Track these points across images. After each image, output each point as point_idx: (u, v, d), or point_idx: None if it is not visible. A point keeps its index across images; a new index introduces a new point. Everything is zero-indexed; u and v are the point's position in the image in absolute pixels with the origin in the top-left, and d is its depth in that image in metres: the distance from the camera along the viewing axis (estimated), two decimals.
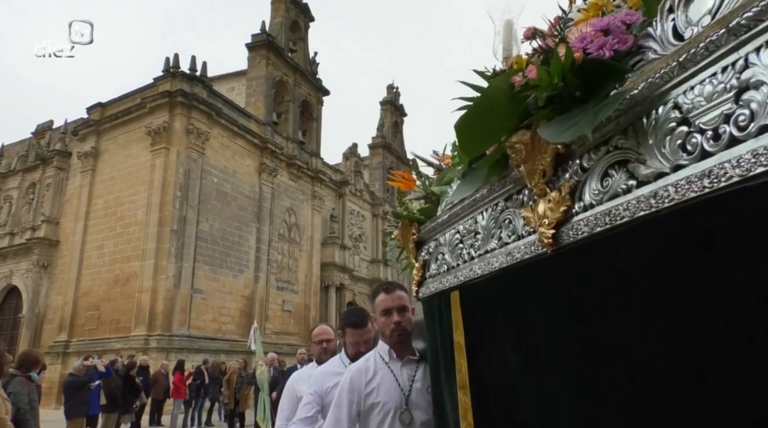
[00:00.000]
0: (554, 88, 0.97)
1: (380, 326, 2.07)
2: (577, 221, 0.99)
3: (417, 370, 2.03)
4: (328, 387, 2.41)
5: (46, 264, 20.61)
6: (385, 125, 34.14)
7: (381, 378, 2.01)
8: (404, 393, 1.97)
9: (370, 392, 1.99)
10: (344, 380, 2.06)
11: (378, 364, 2.05)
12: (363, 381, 2.01)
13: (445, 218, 1.56)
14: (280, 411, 3.03)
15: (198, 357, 16.12)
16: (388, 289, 2.09)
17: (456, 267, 1.52)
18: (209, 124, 19.44)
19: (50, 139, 23.24)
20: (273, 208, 22.16)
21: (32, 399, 5.08)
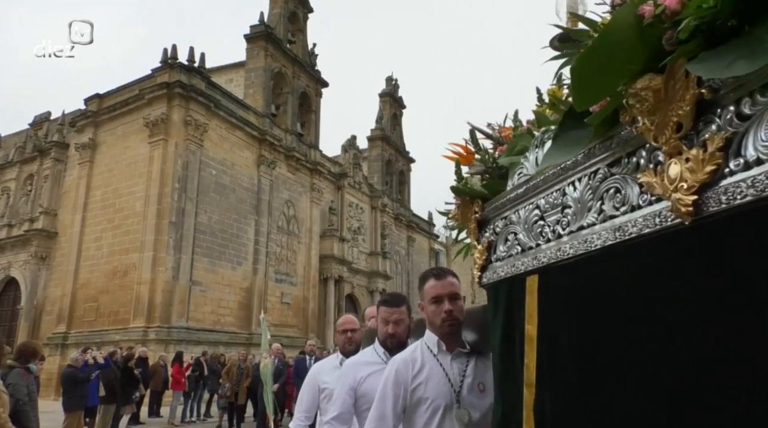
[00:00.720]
0: (704, 14, 0.79)
1: (429, 315, 1.90)
2: (735, 183, 0.81)
3: (468, 364, 1.89)
4: (362, 377, 2.27)
5: (45, 256, 20.60)
6: (384, 117, 34.05)
7: (429, 371, 1.86)
8: (454, 389, 1.83)
9: (418, 386, 1.84)
10: (389, 372, 1.90)
11: (426, 356, 1.90)
12: (410, 374, 1.86)
13: (520, 192, 1.38)
14: (299, 403, 2.90)
15: (197, 348, 16.16)
16: (438, 274, 1.92)
17: (534, 248, 1.33)
18: (207, 115, 19.38)
19: (48, 130, 23.16)
20: (271, 200, 22.14)
21: (31, 390, 5.08)
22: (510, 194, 1.44)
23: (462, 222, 1.74)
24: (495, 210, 1.55)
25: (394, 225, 32.80)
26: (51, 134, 22.53)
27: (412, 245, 35.08)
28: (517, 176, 1.43)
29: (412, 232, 35.05)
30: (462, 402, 1.81)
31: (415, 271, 34.71)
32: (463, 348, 1.91)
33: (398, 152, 35.02)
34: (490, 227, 1.59)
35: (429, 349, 1.91)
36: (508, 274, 1.45)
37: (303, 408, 2.87)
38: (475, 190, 1.64)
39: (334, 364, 2.90)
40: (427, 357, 1.89)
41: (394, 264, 31.82)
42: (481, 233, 1.64)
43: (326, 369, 2.92)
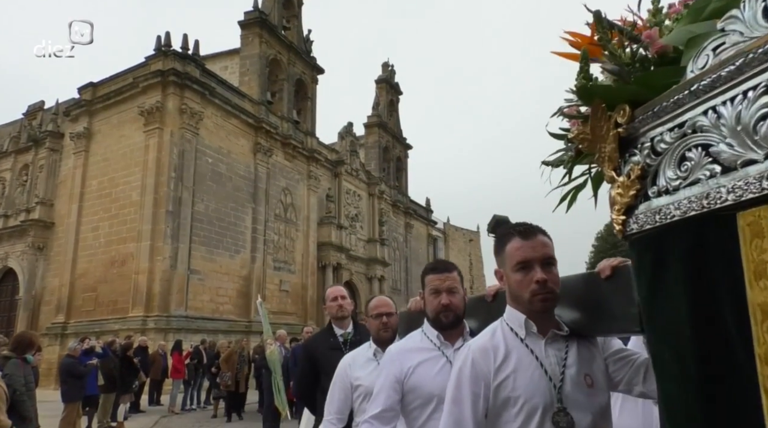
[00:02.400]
0: None
1: (513, 286, 1.47)
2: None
3: (568, 351, 1.45)
4: (410, 367, 1.90)
5: (42, 246, 20.58)
6: (381, 103, 33.88)
7: (517, 361, 1.43)
8: (554, 385, 1.40)
9: (503, 382, 1.41)
10: (461, 364, 1.47)
11: (510, 342, 1.46)
12: (491, 366, 1.43)
13: (723, 74, 0.89)
14: (329, 402, 2.53)
15: (196, 337, 16.22)
16: (525, 232, 1.46)
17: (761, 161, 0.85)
18: (203, 103, 19.26)
19: (42, 120, 23.01)
20: (268, 188, 22.09)
21: (28, 380, 5.09)
22: (698, 82, 0.94)
23: (590, 145, 1.20)
24: (656, 116, 1.05)
25: (391, 212, 32.80)
26: (45, 123, 22.39)
27: (410, 231, 35.11)
28: (711, 53, 0.94)
29: (410, 219, 35.06)
30: (565, 401, 1.38)
31: (413, 258, 34.80)
32: (560, 330, 1.47)
33: (395, 139, 34.91)
34: (643, 145, 1.10)
35: (513, 332, 1.48)
36: (693, 211, 0.98)
37: (334, 408, 2.51)
38: (623, 88, 1.13)
39: (367, 356, 2.54)
40: (511, 342, 1.47)
41: (392, 251, 31.86)
42: (625, 156, 1.15)
43: (359, 363, 2.53)
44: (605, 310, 1.34)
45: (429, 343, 1.95)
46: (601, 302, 1.35)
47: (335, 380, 2.56)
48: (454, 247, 43.55)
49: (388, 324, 2.55)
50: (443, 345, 1.93)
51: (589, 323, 1.45)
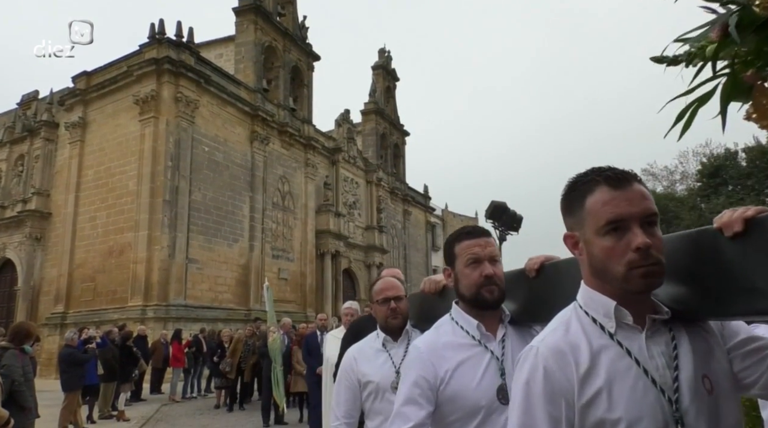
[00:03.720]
0: None
1: (600, 256, 1.03)
2: None
3: (677, 345, 1.02)
4: (447, 371, 1.48)
5: (39, 237, 20.55)
6: (378, 90, 33.70)
7: (610, 368, 0.99)
8: (668, 398, 0.97)
9: (594, 399, 0.98)
10: (528, 376, 1.03)
11: (594, 338, 1.03)
12: (573, 377, 1.00)
13: None
14: (336, 403, 2.21)
15: (195, 326, 16.26)
16: (617, 179, 1.04)
17: None
18: (198, 92, 19.12)
19: (36, 109, 22.86)
20: (266, 176, 22.02)
21: (26, 371, 5.08)
22: None
23: None
24: None
25: (389, 199, 32.76)
26: (40, 113, 22.25)
27: (408, 218, 35.11)
28: None
29: (408, 205, 35.04)
30: (686, 419, 0.96)
31: (411, 245, 34.83)
32: (661, 314, 1.04)
33: (392, 126, 34.77)
34: None
35: (597, 324, 1.04)
36: None
37: (341, 411, 2.17)
38: None
39: (375, 347, 2.20)
40: (597, 339, 1.03)
41: (391, 238, 31.88)
42: None
43: (366, 356, 2.19)
44: (732, 281, 0.96)
45: (466, 336, 1.53)
46: (725, 270, 0.98)
47: (340, 378, 2.24)
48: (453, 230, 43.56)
49: (397, 310, 2.17)
50: (485, 338, 1.52)
51: (703, 301, 1.02)
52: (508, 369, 1.45)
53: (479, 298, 1.51)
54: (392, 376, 2.04)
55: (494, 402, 1.44)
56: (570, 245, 1.11)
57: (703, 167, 24.50)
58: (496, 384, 1.45)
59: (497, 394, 1.44)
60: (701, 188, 23.95)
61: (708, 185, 23.31)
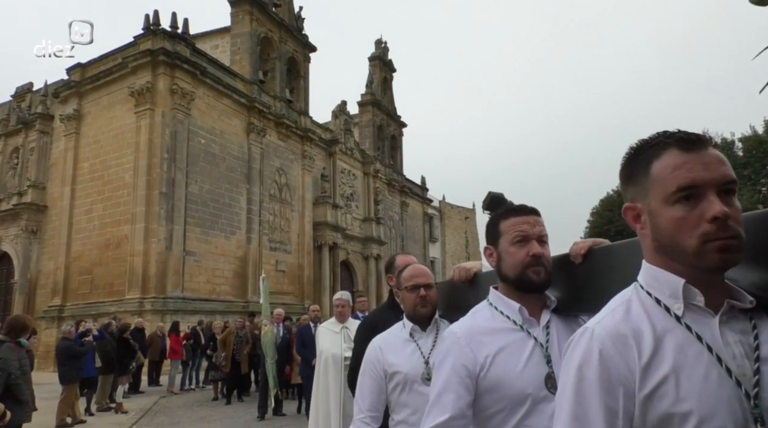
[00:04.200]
0: None
1: (668, 227, 0.90)
2: None
3: (758, 334, 0.89)
4: (487, 357, 1.35)
5: (35, 229, 20.48)
6: (374, 81, 33.55)
7: (677, 354, 0.87)
8: (745, 392, 0.83)
9: (658, 388, 0.85)
10: (582, 361, 0.90)
11: (658, 321, 0.91)
12: (634, 363, 0.87)
13: None
14: (360, 397, 2.09)
15: (193, 318, 16.28)
16: (689, 142, 0.91)
17: None
18: (194, 83, 19.00)
19: (31, 102, 22.72)
20: (263, 168, 21.96)
21: (23, 364, 5.06)
22: None
23: None
24: None
25: (387, 191, 32.73)
26: (34, 105, 22.11)
27: (406, 210, 35.10)
28: None
29: (405, 197, 35.02)
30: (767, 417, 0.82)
31: (408, 236, 34.85)
32: (743, 303, 0.90)
33: (389, 117, 34.67)
34: None
35: (661, 306, 0.92)
36: None
37: (366, 404, 2.05)
38: None
39: (402, 337, 2.09)
40: (661, 322, 0.90)
41: (388, 230, 31.89)
42: None
43: (392, 346, 2.08)
44: None
45: (507, 321, 1.41)
46: None
47: (364, 369, 2.11)
48: (449, 225, 43.63)
49: (427, 298, 2.06)
50: (527, 322, 1.40)
51: None
52: (555, 357, 1.33)
53: (524, 279, 1.39)
54: (421, 367, 1.97)
55: (541, 390, 1.31)
56: (631, 218, 0.98)
57: None
58: (543, 371, 1.33)
59: (545, 382, 1.32)
60: None
61: None
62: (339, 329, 5.09)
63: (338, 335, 5.04)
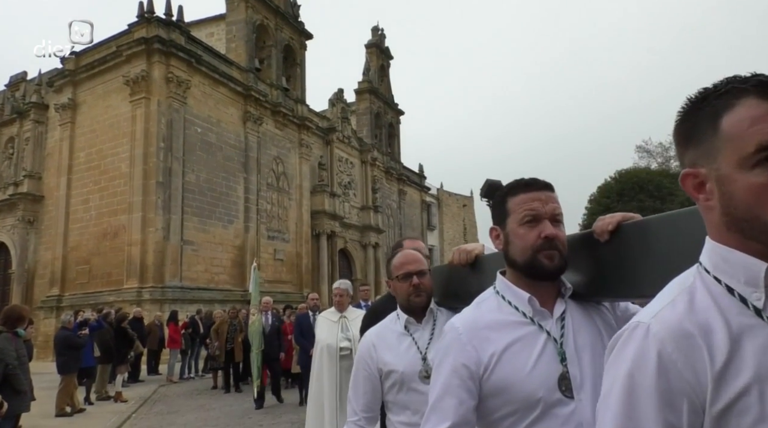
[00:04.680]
0: None
1: (748, 198, 0.71)
2: None
3: None
4: (493, 355, 1.18)
5: (32, 220, 20.43)
6: (371, 68, 33.34)
7: (761, 355, 0.70)
8: None
9: (737, 402, 0.68)
10: (633, 365, 0.74)
11: (732, 315, 0.73)
12: (705, 370, 0.70)
13: None
14: (354, 397, 1.93)
15: (192, 307, 16.30)
16: None
17: None
18: (189, 72, 18.86)
19: (25, 91, 22.54)
20: (260, 157, 21.88)
21: (21, 354, 5.07)
22: None
23: None
24: None
25: (384, 179, 32.68)
26: (29, 94, 21.95)
27: (404, 198, 35.08)
28: None
29: (403, 185, 34.98)
30: None
31: (406, 224, 34.86)
32: None
33: (387, 105, 34.51)
34: None
35: (734, 295, 0.74)
36: None
37: (360, 405, 1.91)
38: None
39: (396, 331, 1.93)
40: (736, 316, 0.73)
41: (386, 218, 31.88)
42: None
43: (386, 341, 1.92)
44: None
45: (515, 313, 1.22)
46: None
47: (357, 367, 1.94)
48: (447, 212, 43.65)
49: (420, 286, 1.88)
50: (538, 314, 1.22)
51: None
52: (570, 354, 1.18)
53: (535, 264, 1.19)
54: (418, 364, 1.82)
55: (554, 393, 1.14)
56: (691, 187, 0.78)
57: None
58: (556, 371, 1.16)
59: (559, 384, 1.15)
60: None
61: None
62: (337, 318, 5.02)
63: (336, 324, 4.97)
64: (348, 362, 4.83)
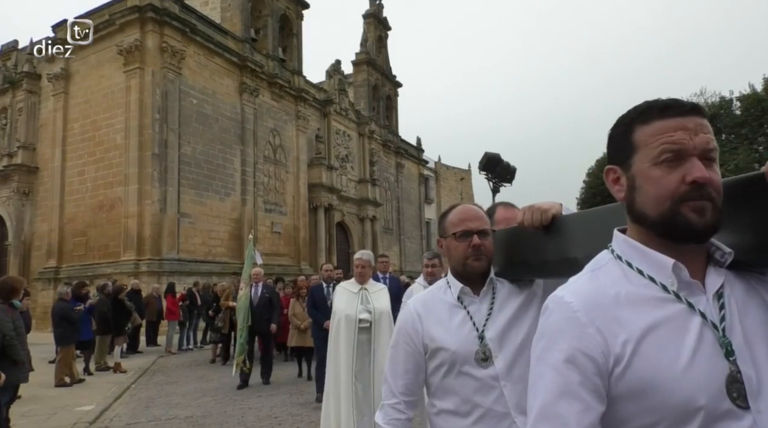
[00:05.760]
0: None
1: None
2: None
3: None
4: (627, 343, 0.83)
5: (27, 191, 20.31)
6: (369, 39, 32.84)
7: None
8: None
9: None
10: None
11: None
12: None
13: None
14: (391, 376, 1.60)
15: (189, 280, 16.33)
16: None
17: None
18: (184, 41, 18.53)
19: (17, 60, 22.14)
20: (256, 129, 21.68)
21: (17, 325, 5.06)
22: None
23: None
24: None
25: (382, 152, 32.50)
26: (21, 64, 21.56)
27: (402, 171, 34.94)
28: None
29: (401, 158, 34.80)
30: None
31: (404, 198, 34.82)
32: None
33: (385, 77, 34.09)
34: None
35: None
36: None
37: (399, 385, 1.58)
38: None
39: (447, 301, 1.59)
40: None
41: (384, 191, 31.81)
42: None
43: (434, 313, 1.58)
44: None
45: (650, 285, 0.88)
46: None
47: (397, 341, 1.61)
48: (445, 186, 43.58)
49: (482, 248, 1.54)
50: (685, 288, 0.87)
51: None
52: (737, 346, 0.82)
53: (677, 221, 0.84)
54: (474, 343, 1.50)
55: (722, 401, 0.80)
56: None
57: None
58: (722, 370, 0.81)
59: (728, 389, 0.80)
60: None
61: None
62: (357, 290, 4.89)
63: (356, 296, 4.85)
64: (366, 335, 4.74)
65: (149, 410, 6.95)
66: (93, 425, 6.18)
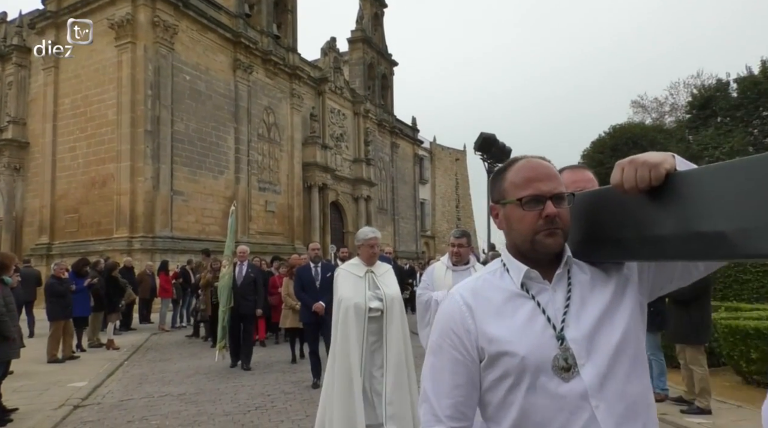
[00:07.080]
0: None
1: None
2: None
3: None
4: None
5: (18, 167, 20.10)
6: (365, 17, 32.41)
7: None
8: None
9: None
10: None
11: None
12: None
13: None
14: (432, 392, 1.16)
15: (183, 257, 16.30)
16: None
17: None
18: (176, 16, 18.21)
19: (6, 33, 21.73)
20: (250, 107, 21.46)
21: (8, 301, 5.03)
22: None
23: None
24: None
25: (377, 131, 32.30)
26: (10, 36, 21.17)
27: (396, 151, 34.80)
28: None
29: (395, 138, 34.63)
30: None
31: (399, 178, 34.73)
32: None
33: (380, 55, 33.73)
34: None
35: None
36: None
37: (445, 404, 1.14)
38: None
39: (506, 290, 1.15)
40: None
41: (378, 171, 31.71)
42: None
43: (492, 304, 1.14)
44: None
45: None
46: None
47: (440, 345, 1.17)
48: (440, 166, 43.48)
49: (557, 220, 1.10)
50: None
51: None
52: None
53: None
54: (551, 346, 1.07)
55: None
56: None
57: (693, 99, 24.14)
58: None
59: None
60: (690, 120, 23.70)
61: (697, 116, 23.02)
62: (363, 273, 4.24)
63: (362, 280, 4.20)
64: (377, 325, 4.12)
65: (142, 387, 6.97)
66: (85, 401, 6.19)
